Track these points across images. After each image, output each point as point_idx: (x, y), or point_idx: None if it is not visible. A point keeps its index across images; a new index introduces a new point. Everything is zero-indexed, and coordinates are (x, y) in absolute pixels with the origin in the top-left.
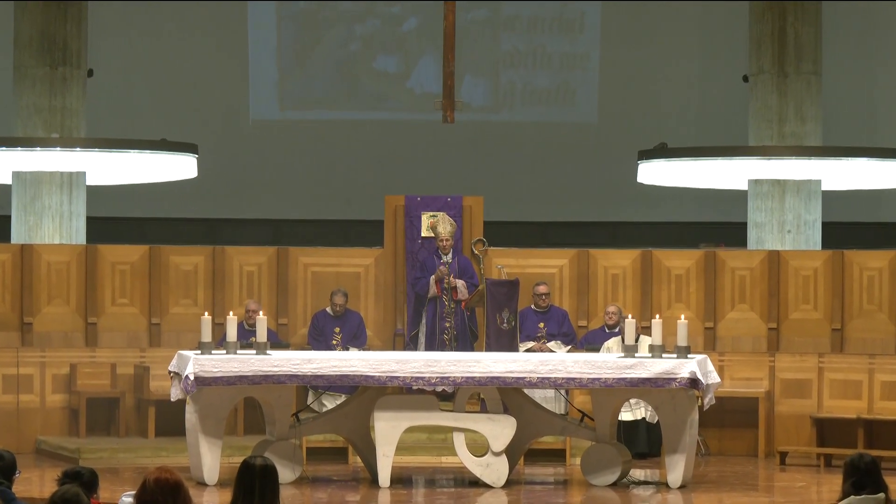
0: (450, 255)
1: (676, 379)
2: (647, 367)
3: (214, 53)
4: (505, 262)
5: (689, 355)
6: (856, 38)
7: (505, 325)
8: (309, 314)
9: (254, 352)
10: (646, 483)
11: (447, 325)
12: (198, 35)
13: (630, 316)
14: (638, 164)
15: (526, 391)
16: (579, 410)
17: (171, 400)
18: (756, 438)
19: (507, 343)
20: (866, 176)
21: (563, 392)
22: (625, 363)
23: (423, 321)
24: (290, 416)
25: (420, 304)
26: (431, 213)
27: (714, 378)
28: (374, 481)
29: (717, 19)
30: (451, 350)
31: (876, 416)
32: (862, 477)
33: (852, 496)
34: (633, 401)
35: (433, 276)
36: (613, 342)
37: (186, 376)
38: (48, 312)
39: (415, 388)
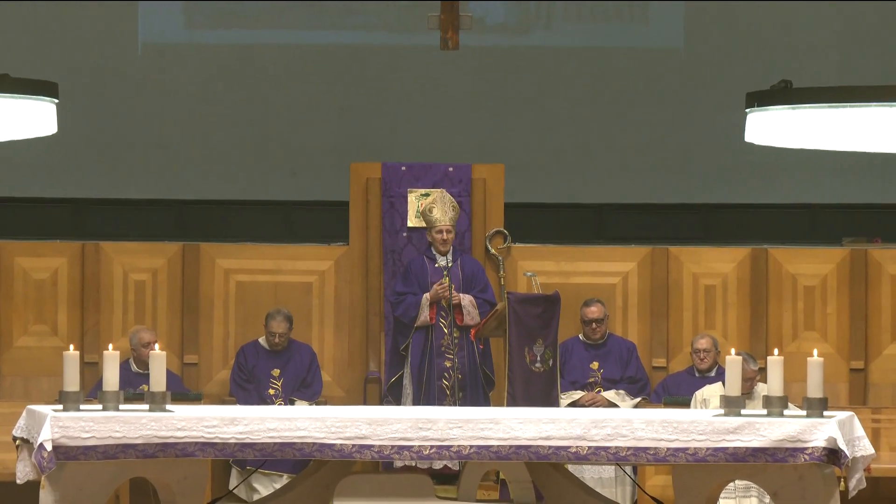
0: (450, 256)
1: (806, 449)
2: (761, 430)
3: None
4: (537, 268)
5: (825, 412)
6: None
7: (538, 364)
8: (232, 348)
9: (146, 406)
10: None
11: (447, 364)
12: None
13: (735, 351)
14: (746, 114)
15: (570, 468)
16: (654, 499)
17: (18, 482)
18: None
19: (540, 393)
20: None
21: (628, 470)
22: (725, 425)
23: (409, 359)
24: None
25: (404, 334)
26: (423, 191)
27: (865, 448)
28: None
29: None
30: (455, 403)
31: None
32: None
33: None
34: (738, 483)
35: (426, 296)
36: (712, 391)
37: (41, 445)
38: None
39: (398, 463)
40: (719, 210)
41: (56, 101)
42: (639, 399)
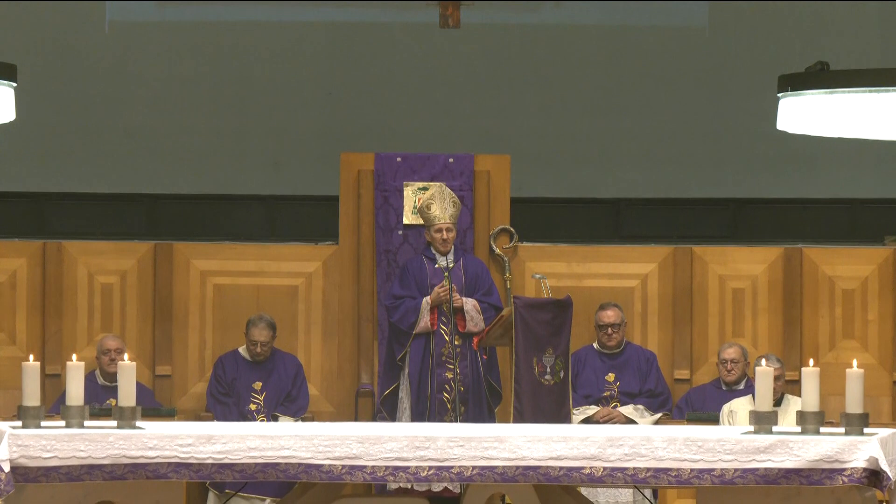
0: (451, 256)
1: (845, 471)
2: (795, 449)
3: None
4: (547, 269)
5: (866, 429)
6: None
7: (548, 376)
8: (209, 359)
9: (114, 423)
10: None
11: (448, 375)
12: None
13: (765, 360)
14: (778, 100)
15: (583, 491)
16: None
17: None
18: None
19: (550, 408)
20: None
21: (648, 493)
22: (755, 443)
23: (406, 370)
24: None
25: (401, 342)
26: (421, 185)
27: None
28: None
29: None
30: (456, 419)
31: None
32: None
33: None
34: None
35: (426, 299)
36: (740, 404)
37: None
38: None
39: (392, 485)
40: (748, 205)
41: (14, 84)
42: (659, 415)
